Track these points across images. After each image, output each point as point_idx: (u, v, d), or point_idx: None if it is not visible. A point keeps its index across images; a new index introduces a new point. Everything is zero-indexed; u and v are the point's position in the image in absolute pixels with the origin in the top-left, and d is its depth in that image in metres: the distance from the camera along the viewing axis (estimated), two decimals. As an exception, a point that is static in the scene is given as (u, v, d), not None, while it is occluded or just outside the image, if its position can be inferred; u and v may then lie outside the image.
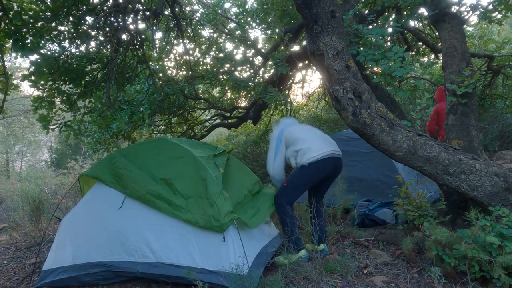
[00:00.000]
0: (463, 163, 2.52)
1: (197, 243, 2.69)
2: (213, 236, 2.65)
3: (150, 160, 3.07)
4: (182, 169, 2.92)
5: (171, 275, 2.66)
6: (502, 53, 7.11)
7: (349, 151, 4.84)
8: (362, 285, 2.57)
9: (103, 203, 3.05)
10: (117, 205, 2.97)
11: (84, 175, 3.31)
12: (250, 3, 7.18)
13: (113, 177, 3.06)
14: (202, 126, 8.05)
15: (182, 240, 2.74)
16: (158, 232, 2.80)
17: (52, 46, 4.25)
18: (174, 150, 3.10)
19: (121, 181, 3.01)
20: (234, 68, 5.72)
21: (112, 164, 3.10)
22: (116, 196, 3.01)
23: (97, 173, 3.15)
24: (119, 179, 3.02)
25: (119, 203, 2.97)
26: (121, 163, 3.07)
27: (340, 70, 2.74)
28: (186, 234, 2.73)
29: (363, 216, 3.82)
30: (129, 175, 2.97)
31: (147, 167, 3.01)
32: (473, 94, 3.14)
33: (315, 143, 3.09)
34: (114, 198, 3.02)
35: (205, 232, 2.67)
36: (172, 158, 3.03)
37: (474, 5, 3.78)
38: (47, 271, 2.95)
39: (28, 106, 14.56)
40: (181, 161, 2.97)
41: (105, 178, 3.08)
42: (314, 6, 2.72)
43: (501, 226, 2.30)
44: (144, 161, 3.07)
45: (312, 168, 3.01)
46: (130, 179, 2.94)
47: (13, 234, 4.90)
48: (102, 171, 3.13)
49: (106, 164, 3.16)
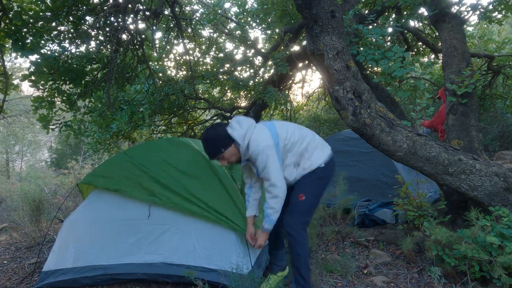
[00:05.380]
0: (463, 163, 2.52)
1: (198, 242, 2.70)
2: (214, 235, 2.66)
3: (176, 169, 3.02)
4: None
5: (172, 274, 2.66)
6: (502, 53, 7.12)
7: (349, 151, 4.84)
8: (362, 285, 2.57)
9: (106, 206, 3.05)
10: (119, 207, 2.98)
11: (86, 183, 3.27)
12: (250, 3, 7.18)
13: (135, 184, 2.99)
14: (202, 126, 8.05)
15: (183, 238, 2.75)
16: (159, 232, 2.81)
17: (52, 46, 4.25)
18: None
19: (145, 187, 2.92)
20: (234, 68, 5.73)
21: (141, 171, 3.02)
22: (118, 199, 3.02)
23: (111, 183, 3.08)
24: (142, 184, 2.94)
25: (120, 206, 2.98)
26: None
27: (340, 70, 2.73)
28: (188, 233, 2.74)
29: (363, 216, 3.82)
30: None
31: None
32: (473, 94, 3.14)
33: (315, 136, 2.43)
34: (117, 201, 3.02)
35: (207, 230, 2.69)
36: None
37: (474, 5, 3.78)
38: (47, 272, 2.95)
39: (28, 106, 14.57)
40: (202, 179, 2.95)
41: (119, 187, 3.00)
42: (314, 6, 2.72)
43: (501, 226, 2.30)
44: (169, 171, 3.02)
45: (329, 169, 2.36)
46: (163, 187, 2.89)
47: (13, 234, 4.89)
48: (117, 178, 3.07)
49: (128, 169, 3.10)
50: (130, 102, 5.63)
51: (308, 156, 2.31)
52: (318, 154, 2.33)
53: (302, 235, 2.21)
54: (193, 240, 2.72)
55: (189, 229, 2.75)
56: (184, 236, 2.76)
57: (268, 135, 2.22)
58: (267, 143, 2.17)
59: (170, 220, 2.82)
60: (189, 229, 2.75)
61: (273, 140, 2.21)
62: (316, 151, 2.33)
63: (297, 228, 2.22)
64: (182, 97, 5.92)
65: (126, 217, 2.94)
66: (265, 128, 2.26)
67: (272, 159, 2.17)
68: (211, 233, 2.70)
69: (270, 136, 2.22)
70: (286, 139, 2.27)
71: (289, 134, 2.29)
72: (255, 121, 2.36)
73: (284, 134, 2.28)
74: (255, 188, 2.50)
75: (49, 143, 22.11)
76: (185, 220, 2.78)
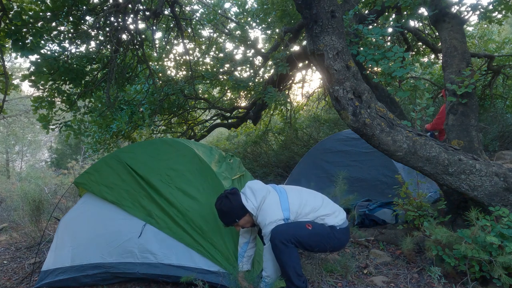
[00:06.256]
0: (463, 163, 2.52)
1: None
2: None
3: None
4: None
5: (171, 275, 2.66)
6: (502, 53, 7.11)
7: (349, 151, 4.85)
8: (362, 285, 2.57)
9: (102, 204, 3.04)
10: (115, 205, 2.99)
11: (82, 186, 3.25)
12: (250, 3, 7.18)
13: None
14: (202, 126, 8.06)
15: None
16: (158, 232, 2.80)
17: (52, 46, 4.25)
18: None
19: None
20: (234, 68, 5.72)
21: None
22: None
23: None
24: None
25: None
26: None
27: (340, 70, 2.73)
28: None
29: (363, 216, 3.82)
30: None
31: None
32: (473, 94, 3.14)
33: (327, 206, 2.52)
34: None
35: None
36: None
37: (474, 5, 3.78)
38: (47, 272, 2.95)
39: (28, 106, 14.57)
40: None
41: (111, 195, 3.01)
42: (314, 6, 2.72)
43: (501, 226, 2.30)
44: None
45: (342, 233, 2.47)
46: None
47: (13, 234, 4.89)
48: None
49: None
50: (130, 102, 5.63)
51: (321, 220, 2.40)
52: (332, 219, 2.41)
53: (286, 245, 2.19)
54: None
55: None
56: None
57: (278, 209, 2.32)
58: (274, 219, 2.28)
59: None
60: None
61: (283, 215, 2.31)
62: (328, 218, 2.41)
63: (281, 237, 2.21)
64: (182, 97, 5.93)
65: (123, 215, 2.94)
66: (277, 200, 2.37)
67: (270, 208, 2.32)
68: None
69: (280, 212, 2.31)
70: (297, 213, 2.36)
71: (301, 207, 2.38)
72: (267, 187, 2.48)
73: (295, 207, 2.37)
74: (252, 244, 2.59)
75: (49, 143, 22.12)
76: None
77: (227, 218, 2.39)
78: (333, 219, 2.41)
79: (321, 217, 2.39)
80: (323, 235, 2.32)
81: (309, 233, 2.27)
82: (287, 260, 2.20)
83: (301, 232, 2.25)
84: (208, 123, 8.03)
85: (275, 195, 2.40)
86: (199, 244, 2.65)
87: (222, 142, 11.08)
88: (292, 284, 2.21)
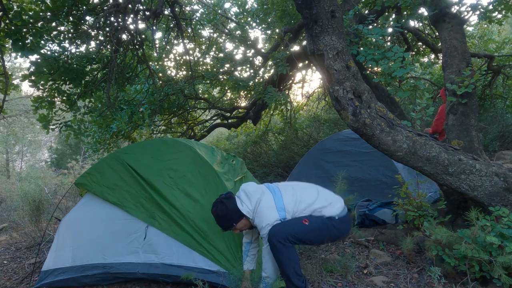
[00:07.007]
0: (463, 163, 2.52)
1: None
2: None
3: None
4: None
5: (172, 274, 2.66)
6: (502, 53, 7.11)
7: (349, 151, 4.85)
8: (362, 285, 2.57)
9: (103, 205, 3.04)
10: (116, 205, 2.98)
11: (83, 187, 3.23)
12: (250, 3, 7.18)
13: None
14: (202, 126, 8.06)
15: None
16: (160, 233, 2.80)
17: (52, 46, 4.25)
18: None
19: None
20: (234, 68, 5.73)
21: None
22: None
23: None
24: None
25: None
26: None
27: (340, 70, 2.73)
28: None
29: (363, 216, 3.82)
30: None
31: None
32: (473, 94, 3.14)
33: (323, 198, 2.54)
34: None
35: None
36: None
37: (474, 5, 3.78)
38: (47, 272, 2.95)
39: (28, 106, 14.57)
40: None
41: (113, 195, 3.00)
42: (314, 6, 2.72)
43: (501, 226, 2.30)
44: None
45: (343, 222, 2.49)
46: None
47: (13, 234, 4.89)
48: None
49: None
50: (130, 102, 5.63)
51: (318, 212, 2.39)
52: (329, 210, 2.41)
53: (284, 244, 2.19)
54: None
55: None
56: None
57: (274, 210, 2.31)
58: (271, 221, 2.28)
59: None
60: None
61: (279, 215, 2.31)
62: (325, 209, 2.40)
63: (279, 236, 2.20)
64: (182, 97, 5.93)
65: (123, 215, 2.94)
66: (272, 201, 2.36)
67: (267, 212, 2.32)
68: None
69: (276, 213, 2.31)
70: (293, 211, 2.36)
71: (297, 205, 2.37)
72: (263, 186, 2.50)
73: (291, 206, 2.36)
74: (254, 244, 2.60)
75: (49, 143, 22.12)
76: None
77: (224, 223, 2.40)
78: (330, 209, 2.40)
79: (317, 210, 2.38)
80: (321, 228, 2.32)
81: (307, 229, 2.27)
82: (286, 260, 2.20)
83: (298, 229, 2.25)
84: (208, 123, 8.03)
85: (270, 196, 2.39)
86: (201, 246, 2.66)
87: (222, 142, 11.08)
88: (291, 284, 2.21)
